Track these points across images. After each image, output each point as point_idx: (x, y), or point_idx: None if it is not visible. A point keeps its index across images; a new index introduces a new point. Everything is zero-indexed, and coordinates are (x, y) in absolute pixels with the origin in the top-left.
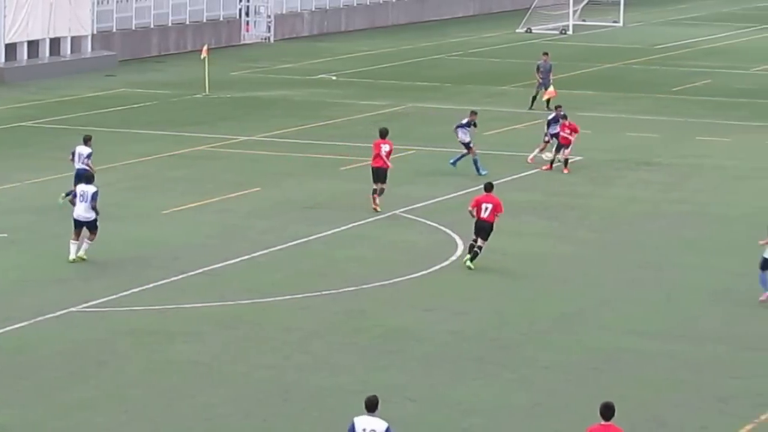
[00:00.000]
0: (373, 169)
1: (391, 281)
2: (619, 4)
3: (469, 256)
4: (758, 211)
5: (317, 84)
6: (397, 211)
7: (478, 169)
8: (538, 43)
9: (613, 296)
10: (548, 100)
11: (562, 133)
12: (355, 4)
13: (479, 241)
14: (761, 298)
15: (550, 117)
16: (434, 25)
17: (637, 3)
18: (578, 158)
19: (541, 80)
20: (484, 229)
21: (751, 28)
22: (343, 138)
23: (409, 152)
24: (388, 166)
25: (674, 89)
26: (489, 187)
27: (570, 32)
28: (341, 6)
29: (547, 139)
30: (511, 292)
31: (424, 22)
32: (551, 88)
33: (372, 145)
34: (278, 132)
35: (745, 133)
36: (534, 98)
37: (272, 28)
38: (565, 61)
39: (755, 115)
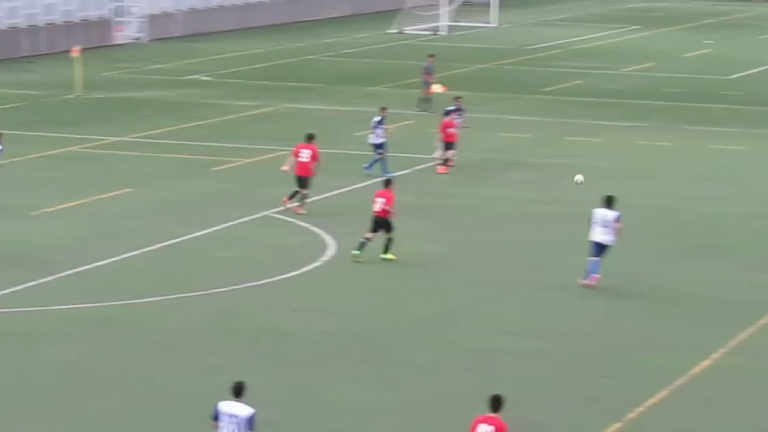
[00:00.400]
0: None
1: (262, 282)
2: (491, 4)
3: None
4: (628, 210)
5: (189, 85)
6: (268, 212)
7: (384, 169)
8: (411, 43)
9: (484, 296)
10: (428, 99)
11: (449, 131)
12: (228, 5)
13: (376, 234)
14: (583, 282)
15: (450, 108)
16: (307, 25)
17: (510, 4)
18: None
19: (427, 81)
20: (376, 222)
21: (623, 29)
22: (215, 139)
23: (281, 153)
24: (309, 174)
25: (546, 90)
26: (387, 183)
27: (443, 33)
28: (214, 6)
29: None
30: (382, 292)
31: (298, 23)
32: (437, 86)
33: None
34: (150, 133)
35: (615, 133)
36: (425, 99)
37: (145, 29)
38: (438, 61)
39: (625, 116)
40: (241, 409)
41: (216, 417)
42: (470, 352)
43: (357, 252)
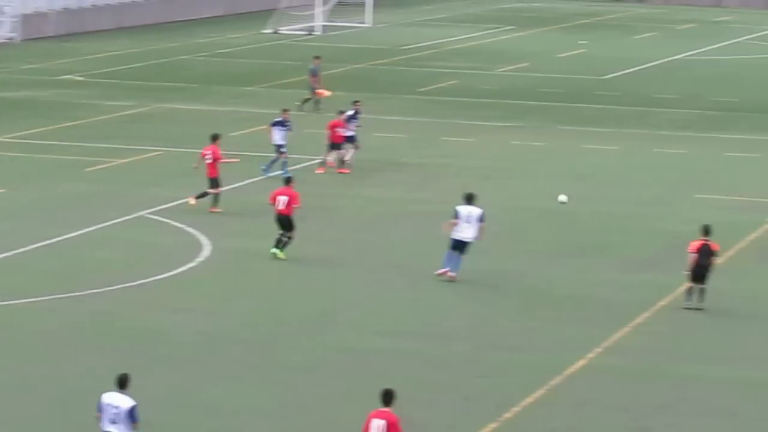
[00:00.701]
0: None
1: (137, 282)
2: (366, 4)
3: (273, 246)
4: (502, 211)
5: (63, 85)
6: (143, 213)
7: (283, 168)
8: (286, 43)
9: (361, 296)
10: (308, 100)
11: (337, 131)
12: (101, 5)
13: (285, 234)
14: (439, 272)
15: (349, 113)
16: (181, 25)
17: (385, 4)
18: (318, 159)
19: (313, 83)
20: (281, 221)
21: (497, 29)
22: (90, 139)
23: (155, 153)
24: (215, 174)
25: (421, 90)
26: (287, 181)
27: (317, 33)
28: (88, 6)
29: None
30: (259, 293)
31: (171, 23)
32: (322, 89)
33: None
34: (24, 133)
35: (490, 133)
36: (314, 101)
37: (17, 28)
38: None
39: (500, 116)
40: (122, 401)
41: (100, 408)
42: (348, 352)
43: (275, 250)
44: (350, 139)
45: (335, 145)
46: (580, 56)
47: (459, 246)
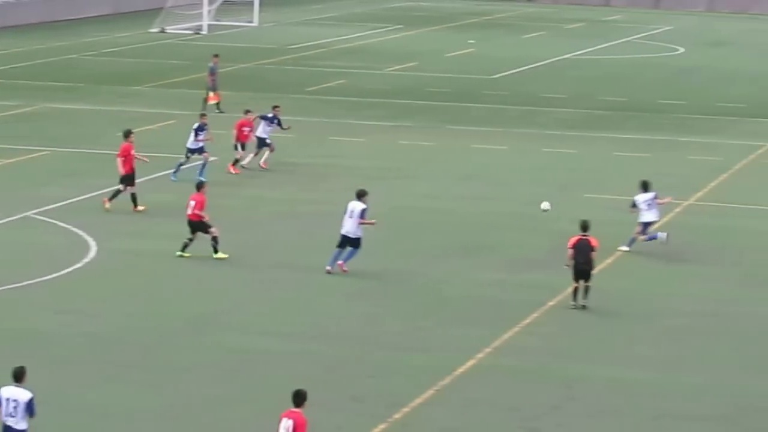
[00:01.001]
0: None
1: (22, 284)
2: (253, 3)
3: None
4: (391, 210)
5: None
6: (29, 213)
7: (200, 173)
8: (172, 43)
9: (248, 297)
10: (217, 104)
11: (244, 130)
12: None
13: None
14: (327, 269)
15: (269, 115)
16: (67, 24)
17: (272, 3)
18: (213, 159)
19: (212, 83)
20: (189, 225)
21: (386, 29)
22: None
23: (41, 153)
24: (128, 171)
25: (309, 89)
26: (199, 186)
27: (204, 32)
28: None
29: (269, 142)
30: (145, 294)
31: (56, 22)
32: (212, 93)
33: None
34: None
35: (379, 133)
36: (205, 101)
37: None
38: (200, 61)
39: (389, 116)
40: (20, 394)
41: None
42: (235, 353)
43: (180, 252)
44: (263, 143)
45: (242, 144)
46: (469, 56)
47: (344, 241)
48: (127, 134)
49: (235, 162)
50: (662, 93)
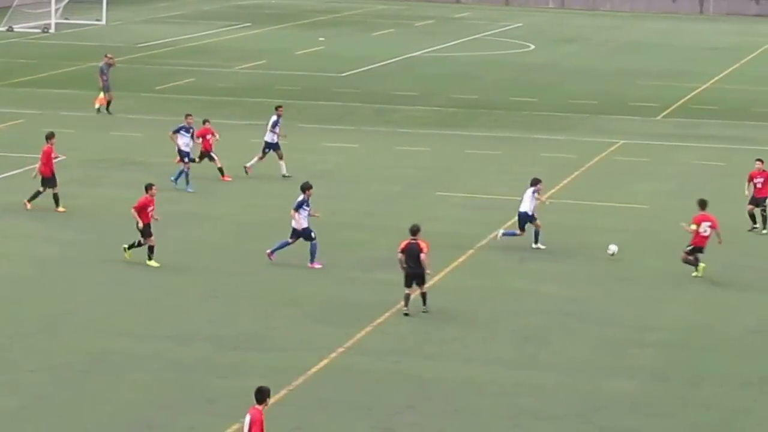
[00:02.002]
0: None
1: None
2: (101, 2)
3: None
4: (242, 209)
5: None
6: None
7: (186, 183)
8: (20, 41)
9: (99, 297)
10: (108, 104)
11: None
12: None
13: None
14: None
15: (273, 119)
16: None
17: (120, 1)
18: (61, 158)
19: (104, 83)
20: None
21: (234, 27)
22: None
23: None
24: (47, 173)
25: (158, 88)
26: (148, 187)
27: (52, 31)
28: None
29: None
30: None
31: None
32: (102, 95)
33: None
34: None
35: (229, 132)
36: (108, 102)
37: None
38: (48, 59)
39: (239, 114)
40: None
41: None
42: (86, 354)
43: (127, 251)
44: (272, 147)
45: (206, 153)
46: (319, 53)
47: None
48: (50, 137)
49: (221, 170)
50: (513, 90)
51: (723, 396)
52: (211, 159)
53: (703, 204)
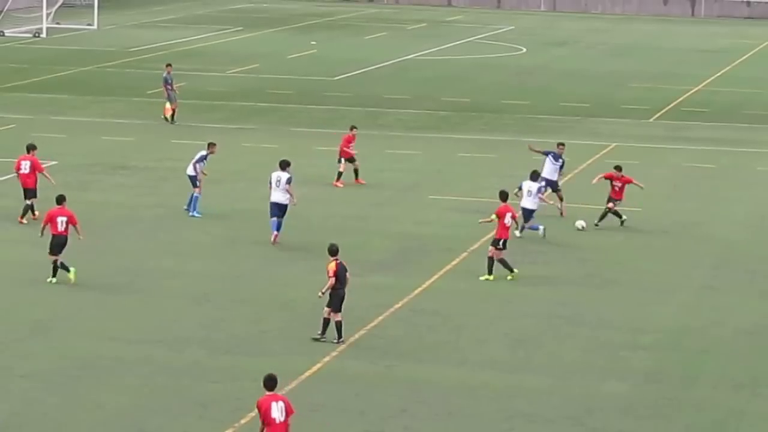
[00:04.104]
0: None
1: None
2: (93, 6)
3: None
4: (235, 213)
5: None
6: None
7: (194, 208)
8: (12, 46)
9: (90, 302)
10: (173, 111)
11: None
12: None
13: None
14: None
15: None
16: None
17: (112, 6)
18: (53, 163)
19: (168, 93)
20: (60, 245)
21: (226, 30)
22: None
23: None
24: (32, 185)
25: (150, 92)
26: (61, 200)
27: (44, 35)
28: None
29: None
30: None
31: None
32: (168, 104)
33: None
34: None
35: (221, 135)
36: (173, 111)
37: None
38: (39, 64)
39: (231, 118)
40: None
41: None
42: (77, 359)
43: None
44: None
45: (346, 159)
46: (311, 57)
47: (273, 209)
48: (32, 147)
49: (339, 176)
50: (505, 93)
51: (716, 398)
52: (352, 161)
53: (504, 196)
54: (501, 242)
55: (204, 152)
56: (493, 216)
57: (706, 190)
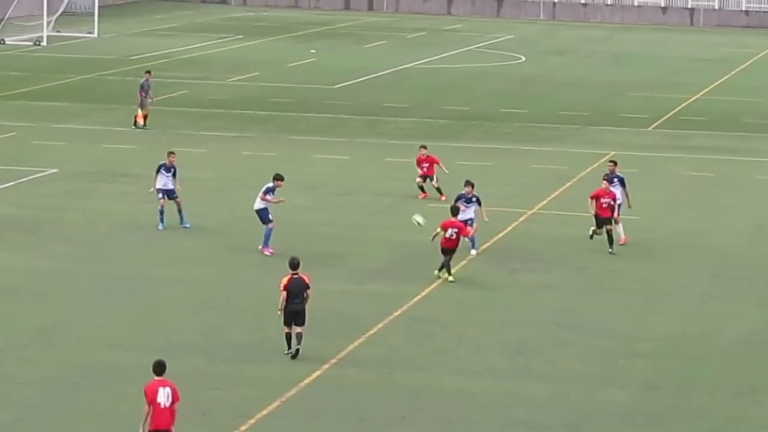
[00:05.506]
0: None
1: None
2: (93, 15)
3: None
4: (234, 221)
5: None
6: None
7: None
8: (12, 54)
9: (91, 309)
10: (145, 117)
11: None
12: None
13: None
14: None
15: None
16: None
17: (112, 14)
18: (53, 170)
19: (142, 99)
20: None
21: (226, 39)
22: None
23: None
24: None
25: (150, 100)
26: None
27: (44, 43)
28: None
29: None
30: None
31: None
32: (140, 111)
33: None
34: None
35: (221, 143)
36: (145, 117)
37: None
38: (40, 72)
39: (231, 126)
40: None
41: None
42: (78, 366)
43: None
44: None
45: (429, 177)
46: (311, 65)
47: (262, 216)
48: None
49: (421, 187)
50: (504, 101)
51: (714, 405)
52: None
53: (454, 211)
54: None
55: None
56: (439, 229)
57: (704, 198)
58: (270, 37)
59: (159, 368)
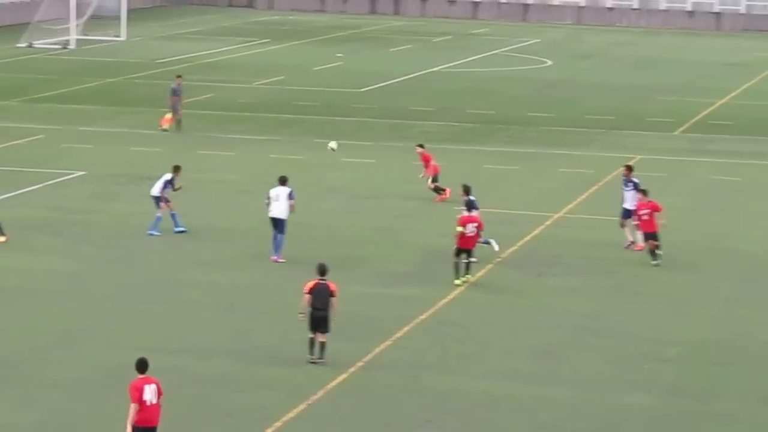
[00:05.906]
0: None
1: None
2: (121, 18)
3: None
4: (260, 224)
5: None
6: None
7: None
8: (40, 57)
9: (118, 311)
10: (179, 122)
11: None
12: None
13: None
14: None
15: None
16: None
17: (139, 18)
18: (81, 173)
19: (174, 103)
20: None
21: (252, 42)
22: None
23: None
24: None
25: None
26: None
27: (72, 47)
28: None
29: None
30: (15, 309)
31: None
32: (169, 115)
33: None
34: None
35: (248, 146)
36: (179, 121)
37: None
38: (67, 75)
39: (258, 129)
40: None
41: None
42: (105, 368)
43: None
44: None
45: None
46: (337, 69)
47: (274, 224)
48: None
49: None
50: (531, 105)
51: (741, 411)
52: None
53: (469, 205)
54: (457, 250)
55: (169, 176)
56: (459, 228)
57: (730, 203)
58: (296, 41)
59: (142, 366)
